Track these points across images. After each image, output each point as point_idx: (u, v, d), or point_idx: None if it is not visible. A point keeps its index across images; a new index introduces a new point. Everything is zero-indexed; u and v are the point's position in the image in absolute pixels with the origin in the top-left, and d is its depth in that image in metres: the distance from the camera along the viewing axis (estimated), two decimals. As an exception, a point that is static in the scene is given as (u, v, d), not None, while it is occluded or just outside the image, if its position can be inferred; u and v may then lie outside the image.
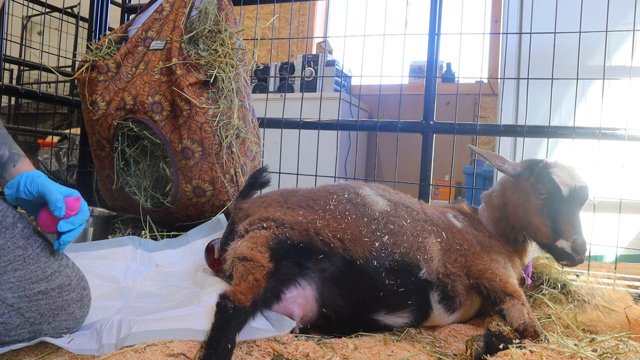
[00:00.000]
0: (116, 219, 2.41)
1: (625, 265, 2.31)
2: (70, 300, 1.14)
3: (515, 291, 1.35)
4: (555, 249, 1.48)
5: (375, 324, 1.38)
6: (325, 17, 5.05)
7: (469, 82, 4.15)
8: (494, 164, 1.62)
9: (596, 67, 2.36)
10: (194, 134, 2.03)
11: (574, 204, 1.48)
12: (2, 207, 1.11)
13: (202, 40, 2.16)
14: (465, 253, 1.45)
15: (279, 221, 1.40)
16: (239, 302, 1.18)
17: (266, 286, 1.23)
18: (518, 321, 1.29)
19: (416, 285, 1.38)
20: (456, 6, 2.45)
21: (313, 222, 1.40)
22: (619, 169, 2.09)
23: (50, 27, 4.07)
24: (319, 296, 1.33)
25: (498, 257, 1.48)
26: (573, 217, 1.47)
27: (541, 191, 1.50)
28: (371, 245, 1.37)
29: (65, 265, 1.16)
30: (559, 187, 1.47)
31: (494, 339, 1.21)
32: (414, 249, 1.40)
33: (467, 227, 1.57)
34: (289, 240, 1.34)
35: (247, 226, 1.43)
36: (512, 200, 1.58)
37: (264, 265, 1.26)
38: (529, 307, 1.33)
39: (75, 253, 1.77)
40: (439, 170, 2.70)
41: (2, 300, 1.05)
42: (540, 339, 1.27)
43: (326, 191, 1.55)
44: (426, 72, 2.34)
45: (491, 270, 1.40)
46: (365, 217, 1.44)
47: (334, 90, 3.94)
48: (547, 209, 1.49)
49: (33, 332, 1.10)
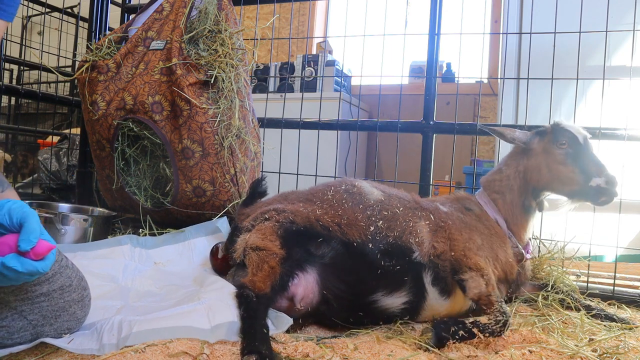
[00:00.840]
0: (116, 219, 2.41)
1: (625, 265, 2.31)
2: (71, 300, 1.15)
3: (477, 264, 1.43)
4: (590, 190, 1.59)
5: (374, 306, 1.42)
6: (325, 17, 5.05)
7: (469, 82, 4.15)
8: (508, 137, 1.75)
9: (596, 67, 2.36)
10: (194, 134, 2.03)
11: (590, 149, 1.64)
12: None
13: (202, 40, 2.16)
14: (449, 228, 1.54)
15: (279, 209, 1.47)
16: (260, 290, 1.26)
17: (281, 272, 1.31)
18: (474, 291, 1.39)
19: (410, 266, 1.45)
20: (456, 6, 2.45)
21: (313, 211, 1.49)
22: (619, 169, 2.09)
23: (50, 27, 4.06)
24: (320, 279, 1.39)
25: (476, 236, 1.55)
26: (595, 158, 1.62)
27: (562, 142, 1.64)
28: (366, 229, 1.47)
29: (65, 266, 1.17)
30: (576, 136, 1.63)
31: (442, 326, 1.27)
32: (407, 233, 1.49)
33: (452, 211, 1.65)
34: (294, 227, 1.41)
35: (252, 221, 1.50)
36: (531, 164, 1.71)
37: (276, 253, 1.34)
38: (491, 281, 1.40)
39: (74, 253, 1.77)
40: (439, 170, 2.70)
41: (5, 304, 1.05)
42: (494, 308, 1.32)
43: (324, 185, 1.67)
44: (426, 72, 2.34)
45: (463, 247, 1.48)
46: (361, 204, 1.54)
47: (334, 90, 3.94)
48: (570, 157, 1.64)
49: (35, 334, 1.10)
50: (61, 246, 1.86)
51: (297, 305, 1.36)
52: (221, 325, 1.20)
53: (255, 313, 1.20)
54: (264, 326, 1.17)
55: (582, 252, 2.02)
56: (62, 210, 2.27)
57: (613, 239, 1.99)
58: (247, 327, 1.16)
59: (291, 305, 1.37)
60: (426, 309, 1.48)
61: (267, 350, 1.09)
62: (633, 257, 2.45)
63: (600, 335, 1.41)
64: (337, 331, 1.43)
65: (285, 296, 1.35)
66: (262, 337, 1.13)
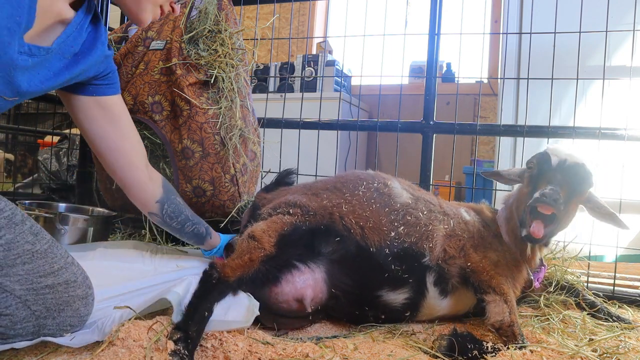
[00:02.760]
0: (116, 219, 2.41)
1: (625, 265, 2.31)
2: (75, 296, 1.16)
3: (501, 287, 1.36)
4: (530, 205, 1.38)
5: (378, 300, 1.44)
6: (325, 17, 5.04)
7: (469, 82, 4.15)
8: (506, 179, 1.67)
9: (596, 67, 2.36)
10: (194, 134, 2.03)
11: (566, 175, 1.40)
12: (11, 206, 1.13)
13: (202, 40, 2.16)
14: (465, 240, 1.49)
15: (305, 208, 1.44)
16: (224, 275, 1.25)
17: (259, 268, 1.30)
18: (496, 317, 1.30)
19: (418, 268, 1.44)
20: (456, 6, 2.45)
21: (339, 205, 1.46)
22: (619, 169, 2.09)
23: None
24: (328, 277, 1.39)
25: (493, 255, 1.49)
26: (558, 179, 1.38)
27: (531, 163, 1.50)
28: (387, 235, 1.44)
29: (71, 263, 1.19)
30: (549, 156, 1.44)
31: (459, 339, 1.22)
32: (423, 238, 1.46)
33: (475, 222, 1.58)
34: (305, 226, 1.40)
35: (272, 210, 1.48)
36: (518, 194, 1.58)
37: (264, 248, 1.32)
38: (513, 308, 1.33)
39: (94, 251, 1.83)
40: (439, 170, 2.70)
41: (10, 292, 1.07)
42: (517, 342, 1.24)
43: (356, 177, 1.60)
44: (426, 72, 2.34)
45: (482, 265, 1.43)
46: (387, 207, 1.50)
47: (334, 90, 3.94)
48: (534, 178, 1.46)
49: (37, 327, 1.11)
50: (85, 246, 1.94)
51: (308, 307, 1.36)
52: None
53: (206, 295, 1.19)
54: (208, 309, 1.17)
55: (583, 252, 2.02)
56: (62, 210, 2.27)
57: (613, 239, 1.99)
58: (191, 304, 1.17)
59: (301, 307, 1.37)
60: (425, 306, 1.48)
61: (195, 332, 1.11)
62: (633, 257, 2.45)
63: (600, 335, 1.41)
64: (342, 327, 1.44)
65: (294, 297, 1.35)
66: (198, 319, 1.14)
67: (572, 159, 1.44)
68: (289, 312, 1.37)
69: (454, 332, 1.26)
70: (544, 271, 1.63)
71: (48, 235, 1.18)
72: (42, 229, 1.17)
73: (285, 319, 1.38)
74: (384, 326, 1.46)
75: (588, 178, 1.44)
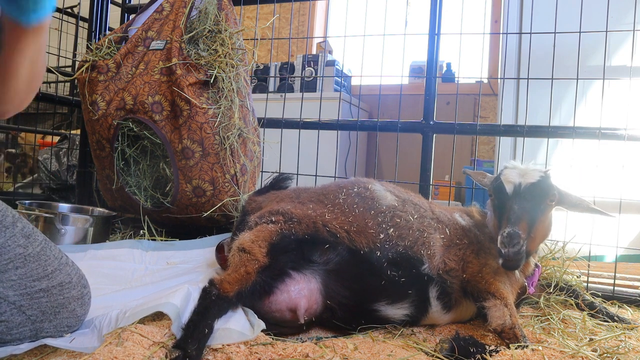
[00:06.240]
0: (116, 219, 2.41)
1: (625, 265, 2.31)
2: (71, 297, 1.15)
3: (500, 292, 1.36)
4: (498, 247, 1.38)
5: (377, 314, 1.40)
6: (325, 17, 5.04)
7: (469, 82, 4.15)
8: (478, 181, 1.66)
9: (596, 67, 2.36)
10: (194, 134, 2.03)
11: (523, 200, 1.40)
12: (2, 207, 1.11)
13: (202, 40, 2.16)
14: (464, 248, 1.48)
15: (288, 215, 1.43)
16: (224, 291, 1.23)
17: (255, 280, 1.28)
18: (497, 321, 1.30)
19: (417, 278, 1.41)
20: (456, 6, 2.45)
21: (322, 215, 1.45)
22: (619, 169, 2.09)
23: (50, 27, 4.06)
24: (323, 288, 1.37)
25: (491, 261, 1.47)
26: (515, 211, 1.38)
27: (490, 191, 1.52)
28: (376, 237, 1.42)
29: (65, 263, 1.17)
30: (503, 185, 1.44)
31: (462, 343, 1.22)
32: (419, 244, 1.44)
33: (470, 227, 1.58)
34: (292, 235, 1.38)
35: (257, 219, 1.47)
36: (492, 215, 1.57)
37: (258, 259, 1.30)
38: (513, 311, 1.33)
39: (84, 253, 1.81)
40: (439, 170, 2.70)
41: (3, 298, 1.05)
42: (520, 344, 1.25)
43: (337, 186, 1.61)
44: (426, 72, 2.34)
45: (480, 272, 1.41)
46: (372, 209, 1.49)
47: (334, 90, 3.94)
48: (496, 208, 1.47)
49: (34, 330, 1.10)
50: (76, 247, 1.93)
51: (301, 319, 1.33)
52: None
53: (207, 312, 1.18)
54: (208, 326, 1.15)
55: (583, 252, 2.02)
56: (62, 210, 2.27)
57: (613, 239, 1.99)
58: (191, 322, 1.15)
59: (295, 317, 1.34)
60: (427, 320, 1.46)
61: (196, 351, 1.09)
62: (633, 257, 2.45)
63: (600, 335, 1.41)
64: (338, 332, 1.43)
65: (288, 307, 1.32)
66: (198, 337, 1.12)
67: (527, 179, 1.42)
68: (282, 322, 1.35)
69: (456, 336, 1.25)
70: (537, 274, 1.62)
71: (41, 236, 1.16)
72: (34, 230, 1.16)
73: (279, 327, 1.35)
74: (384, 326, 1.45)
75: (547, 192, 1.43)
